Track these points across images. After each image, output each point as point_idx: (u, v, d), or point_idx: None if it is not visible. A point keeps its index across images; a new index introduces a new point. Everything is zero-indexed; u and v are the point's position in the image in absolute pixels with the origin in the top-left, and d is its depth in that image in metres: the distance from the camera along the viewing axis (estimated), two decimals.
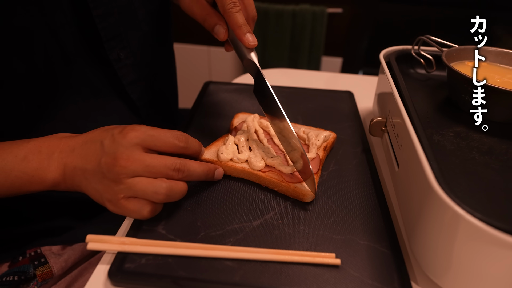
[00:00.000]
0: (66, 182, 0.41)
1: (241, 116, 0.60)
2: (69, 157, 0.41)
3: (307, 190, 0.44)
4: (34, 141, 0.42)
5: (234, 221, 0.42)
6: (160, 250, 0.38)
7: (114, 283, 0.36)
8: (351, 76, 0.88)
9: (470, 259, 0.31)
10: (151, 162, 0.39)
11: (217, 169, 0.47)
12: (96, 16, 0.49)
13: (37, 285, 0.50)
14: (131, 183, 0.38)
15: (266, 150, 0.50)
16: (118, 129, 0.40)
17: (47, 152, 0.41)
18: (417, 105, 0.46)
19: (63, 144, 0.42)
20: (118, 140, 0.39)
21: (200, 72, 1.95)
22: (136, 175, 0.38)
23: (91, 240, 0.38)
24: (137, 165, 0.38)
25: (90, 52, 0.52)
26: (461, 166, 0.38)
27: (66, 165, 0.41)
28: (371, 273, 0.36)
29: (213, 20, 0.47)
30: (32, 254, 0.52)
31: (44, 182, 0.41)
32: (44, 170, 0.41)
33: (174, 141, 0.41)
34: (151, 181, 0.38)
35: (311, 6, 1.63)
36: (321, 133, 0.54)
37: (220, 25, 0.47)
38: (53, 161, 0.41)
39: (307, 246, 0.39)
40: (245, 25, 0.45)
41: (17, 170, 0.40)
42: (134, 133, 0.39)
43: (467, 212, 0.29)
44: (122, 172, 0.38)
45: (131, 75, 0.57)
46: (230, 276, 0.36)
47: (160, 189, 0.38)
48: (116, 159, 0.38)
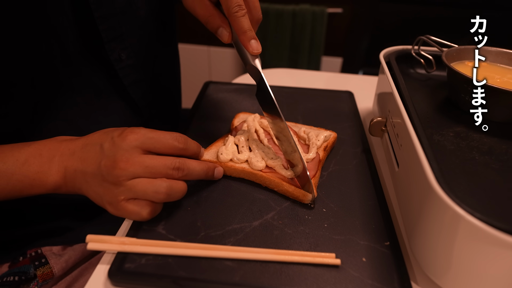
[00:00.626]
0: (67, 185, 0.42)
1: (241, 116, 0.60)
2: (69, 160, 0.41)
3: (306, 193, 0.44)
4: (35, 145, 0.42)
5: (234, 221, 0.42)
6: (160, 250, 0.38)
7: (114, 283, 0.36)
8: (351, 76, 0.88)
9: (470, 259, 0.31)
10: (150, 163, 0.39)
11: (216, 167, 0.47)
12: (97, 17, 0.49)
13: (38, 285, 0.50)
14: (131, 184, 0.38)
15: (266, 150, 0.50)
16: (118, 131, 0.41)
17: (47, 156, 0.41)
18: (417, 105, 0.46)
19: (64, 147, 0.42)
20: (118, 143, 0.39)
21: (200, 72, 1.95)
22: (136, 177, 0.38)
23: (91, 240, 0.38)
24: (136, 166, 0.38)
25: (91, 53, 0.52)
26: (461, 166, 0.38)
27: (67, 168, 0.41)
28: (371, 273, 0.36)
29: (217, 22, 0.45)
30: (33, 254, 0.52)
31: (45, 186, 0.41)
32: (45, 174, 0.41)
33: (174, 142, 0.41)
34: (151, 181, 0.39)
35: (311, 6, 1.63)
36: (321, 133, 0.54)
37: (223, 28, 0.45)
38: (54, 164, 0.41)
39: (307, 246, 0.39)
40: (250, 31, 0.44)
41: (19, 173, 0.41)
42: (134, 136, 0.39)
43: (467, 212, 0.29)
44: (122, 174, 0.38)
45: (132, 75, 0.57)
46: (230, 276, 0.36)
47: (160, 188, 0.38)
48: (116, 162, 0.38)
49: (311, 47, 1.71)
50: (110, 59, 0.53)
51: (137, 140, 0.39)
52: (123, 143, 0.39)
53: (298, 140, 0.54)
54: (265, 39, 1.71)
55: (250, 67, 0.47)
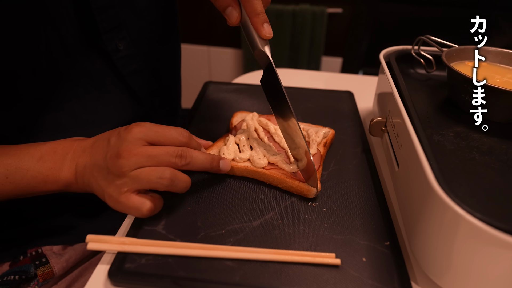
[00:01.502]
0: (77, 182, 0.43)
1: (239, 114, 0.60)
2: (80, 157, 0.43)
3: (310, 187, 0.44)
4: (50, 143, 0.44)
5: (234, 221, 0.42)
6: (160, 250, 0.38)
7: (114, 283, 0.36)
8: (351, 76, 0.88)
9: (470, 259, 0.31)
10: (153, 152, 0.40)
11: (222, 159, 0.46)
12: (95, 9, 0.49)
13: (38, 284, 0.51)
14: (135, 174, 0.39)
15: (267, 148, 0.50)
16: (125, 126, 0.42)
17: (61, 153, 0.43)
18: (417, 105, 0.46)
19: (76, 145, 0.44)
20: (123, 135, 0.40)
21: (200, 72, 1.95)
22: (139, 166, 0.39)
23: (91, 240, 0.38)
24: (139, 156, 0.39)
25: (89, 44, 0.51)
26: (461, 166, 0.38)
27: (78, 165, 0.43)
28: (371, 273, 0.36)
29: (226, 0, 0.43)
30: (33, 253, 0.52)
31: (57, 182, 0.43)
32: (58, 170, 0.43)
33: (178, 136, 0.42)
34: (155, 168, 0.39)
35: (311, 6, 1.63)
36: (320, 130, 0.54)
37: (233, 7, 0.43)
38: (66, 161, 0.43)
39: (307, 246, 0.39)
40: (263, 14, 0.42)
41: (33, 169, 0.42)
42: (138, 128, 0.40)
43: (467, 212, 0.29)
44: (125, 164, 0.38)
45: (131, 65, 0.57)
46: (230, 276, 0.36)
47: (164, 174, 0.39)
48: (120, 153, 0.39)
49: (311, 47, 1.71)
50: (107, 49, 0.53)
51: (141, 132, 0.40)
52: (128, 136, 0.40)
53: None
54: None
55: (259, 52, 0.44)
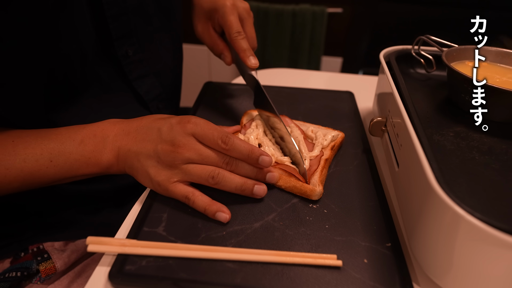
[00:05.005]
0: (118, 164, 0.45)
1: (250, 113, 0.60)
2: (123, 139, 0.44)
3: (314, 188, 0.44)
4: (89, 127, 0.46)
5: (235, 223, 0.42)
6: (160, 252, 0.38)
7: (114, 285, 0.36)
8: (351, 76, 0.88)
9: (470, 259, 0.31)
10: (205, 152, 0.42)
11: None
12: (109, 16, 0.51)
13: (40, 280, 0.51)
14: (186, 168, 0.42)
15: (275, 148, 0.51)
16: (176, 119, 0.44)
17: (101, 136, 0.45)
18: (417, 105, 0.46)
19: (117, 128, 0.45)
20: (176, 129, 0.42)
21: (200, 72, 1.95)
22: (190, 162, 0.42)
23: (91, 242, 0.38)
24: (192, 152, 0.42)
25: (101, 50, 0.53)
26: (461, 166, 0.38)
27: (120, 148, 0.44)
28: (372, 274, 0.36)
29: (220, 48, 0.60)
30: (35, 250, 0.53)
31: (99, 164, 0.44)
32: (100, 152, 0.44)
33: (218, 141, 0.43)
34: (205, 167, 0.42)
35: (311, 6, 1.63)
36: (329, 133, 0.54)
37: (225, 54, 0.60)
38: (107, 143, 0.44)
39: (308, 247, 0.39)
40: (248, 50, 0.55)
41: (75, 153, 0.44)
42: (190, 125, 0.43)
43: (467, 212, 0.29)
44: (178, 158, 0.41)
45: (138, 70, 0.59)
46: (231, 278, 0.36)
47: (214, 174, 0.42)
48: (174, 146, 0.41)
49: (311, 47, 1.71)
50: (117, 54, 0.55)
51: (192, 129, 0.42)
52: (181, 130, 0.42)
53: (305, 138, 0.54)
54: (265, 39, 1.71)
55: (248, 76, 0.56)
